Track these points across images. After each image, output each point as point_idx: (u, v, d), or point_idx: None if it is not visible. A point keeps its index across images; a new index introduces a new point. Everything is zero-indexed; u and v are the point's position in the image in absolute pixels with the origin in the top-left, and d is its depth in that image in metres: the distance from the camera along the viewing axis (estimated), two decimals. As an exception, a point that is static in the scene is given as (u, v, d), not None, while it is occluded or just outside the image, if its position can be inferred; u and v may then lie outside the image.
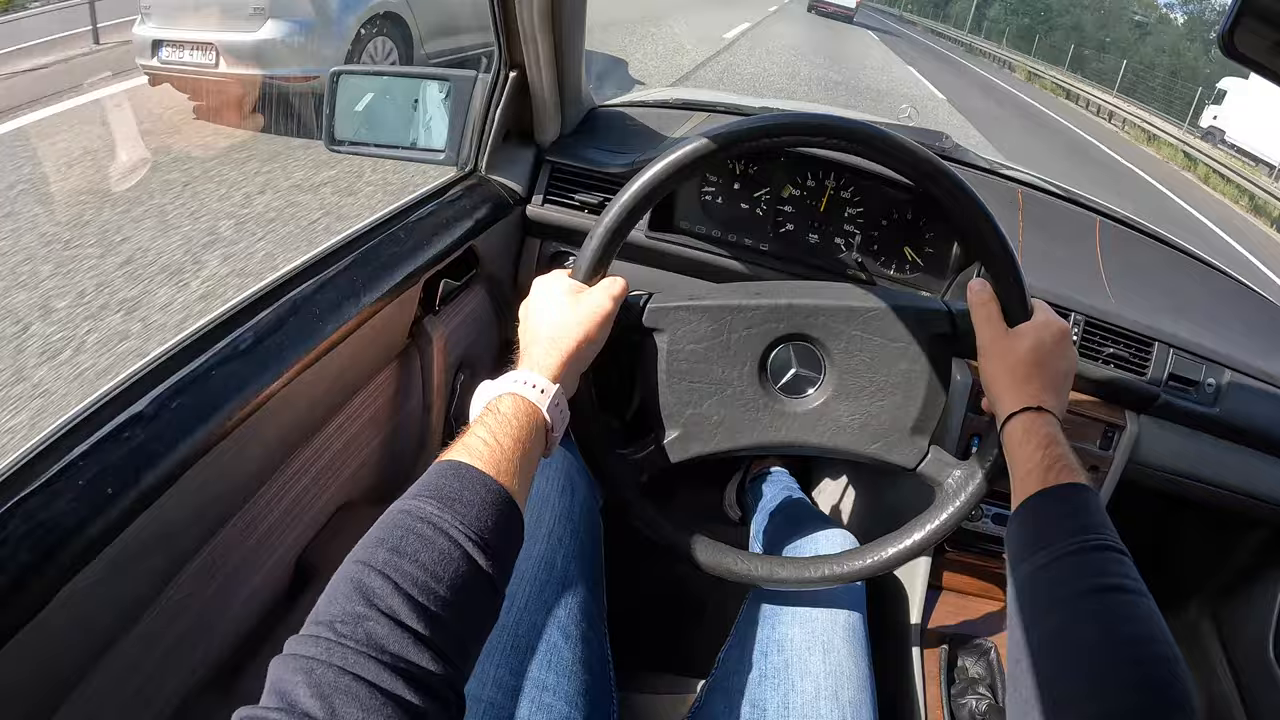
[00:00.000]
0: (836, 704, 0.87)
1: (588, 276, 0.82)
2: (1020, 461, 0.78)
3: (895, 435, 0.92)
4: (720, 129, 0.82)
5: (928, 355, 0.90)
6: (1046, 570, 0.67)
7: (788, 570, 0.94)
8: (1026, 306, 0.85)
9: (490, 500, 0.61)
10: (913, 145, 0.83)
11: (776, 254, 1.25)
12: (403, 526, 0.57)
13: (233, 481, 0.76)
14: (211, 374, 0.72)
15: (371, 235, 0.98)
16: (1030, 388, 0.81)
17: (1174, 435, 1.32)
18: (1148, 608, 0.63)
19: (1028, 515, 0.74)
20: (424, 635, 0.52)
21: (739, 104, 1.49)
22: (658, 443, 0.91)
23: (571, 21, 1.06)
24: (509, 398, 0.70)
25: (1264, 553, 1.70)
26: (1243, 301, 1.54)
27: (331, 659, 0.48)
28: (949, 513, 0.90)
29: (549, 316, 0.79)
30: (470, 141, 1.18)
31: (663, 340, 0.88)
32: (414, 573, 0.54)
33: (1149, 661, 0.58)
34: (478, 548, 0.58)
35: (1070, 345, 0.86)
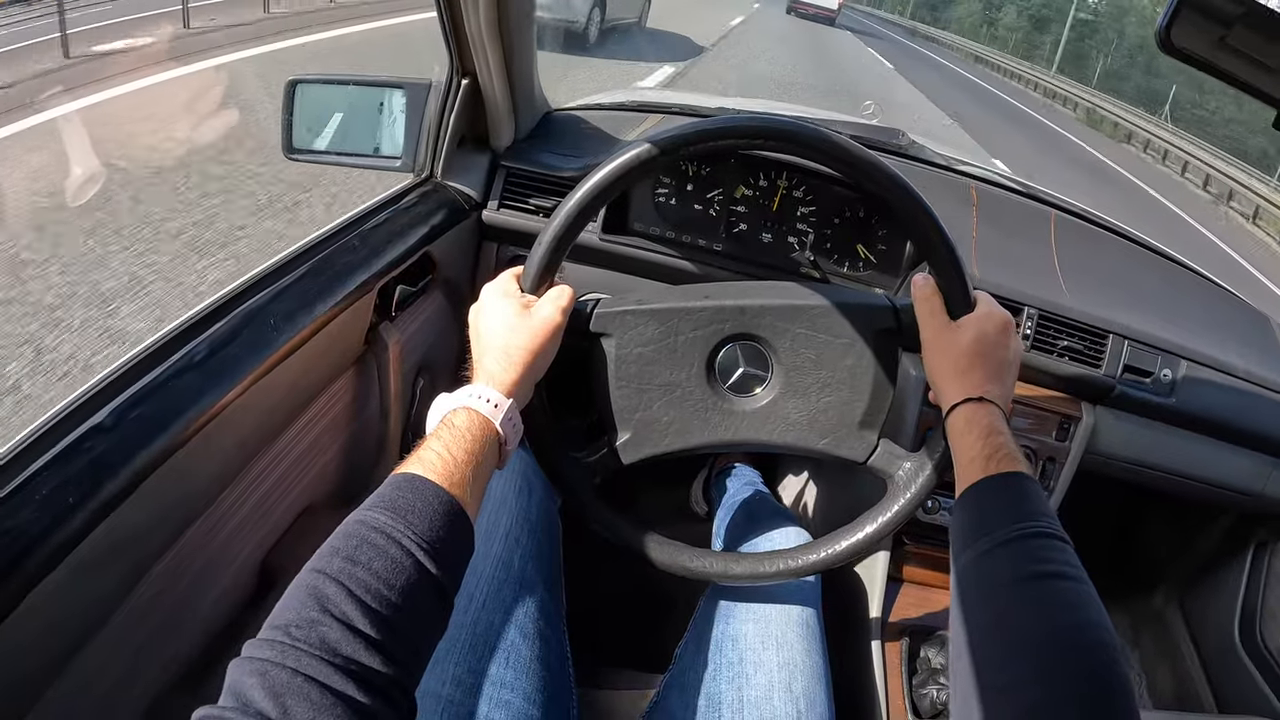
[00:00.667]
0: (790, 696, 0.90)
1: (534, 285, 0.85)
2: (962, 451, 0.80)
3: (843, 430, 0.95)
4: (659, 135, 0.85)
5: (873, 350, 0.93)
6: (986, 558, 0.69)
7: (742, 566, 0.97)
8: (969, 299, 0.88)
9: (442, 511, 0.65)
10: (848, 144, 0.86)
11: (730, 254, 1.28)
12: (357, 536, 0.61)
13: (193, 488, 0.79)
14: (168, 385, 0.76)
15: (326, 244, 1.01)
16: (972, 378, 0.83)
17: (1131, 425, 1.36)
18: (1087, 594, 0.64)
19: (968, 504, 0.76)
20: (375, 639, 0.55)
21: (694, 105, 1.52)
22: (610, 445, 0.94)
23: (519, 29, 1.09)
24: (463, 412, 0.73)
25: (1227, 540, 1.74)
26: (1202, 293, 1.58)
27: (285, 661, 0.51)
28: (900, 505, 0.93)
29: (500, 330, 0.81)
30: (426, 148, 1.21)
31: (610, 345, 0.91)
32: (367, 580, 0.57)
33: (1088, 648, 0.60)
34: (428, 556, 0.61)
35: (1014, 335, 0.88)
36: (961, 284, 0.87)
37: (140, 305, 2.96)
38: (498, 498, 1.02)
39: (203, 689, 0.83)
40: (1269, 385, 1.40)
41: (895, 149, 1.57)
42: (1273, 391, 1.40)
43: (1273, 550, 1.63)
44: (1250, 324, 1.57)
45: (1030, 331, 1.27)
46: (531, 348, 0.80)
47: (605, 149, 1.31)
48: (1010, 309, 1.21)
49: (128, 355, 0.78)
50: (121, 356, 0.78)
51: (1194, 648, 1.80)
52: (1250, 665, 1.60)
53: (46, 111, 4.56)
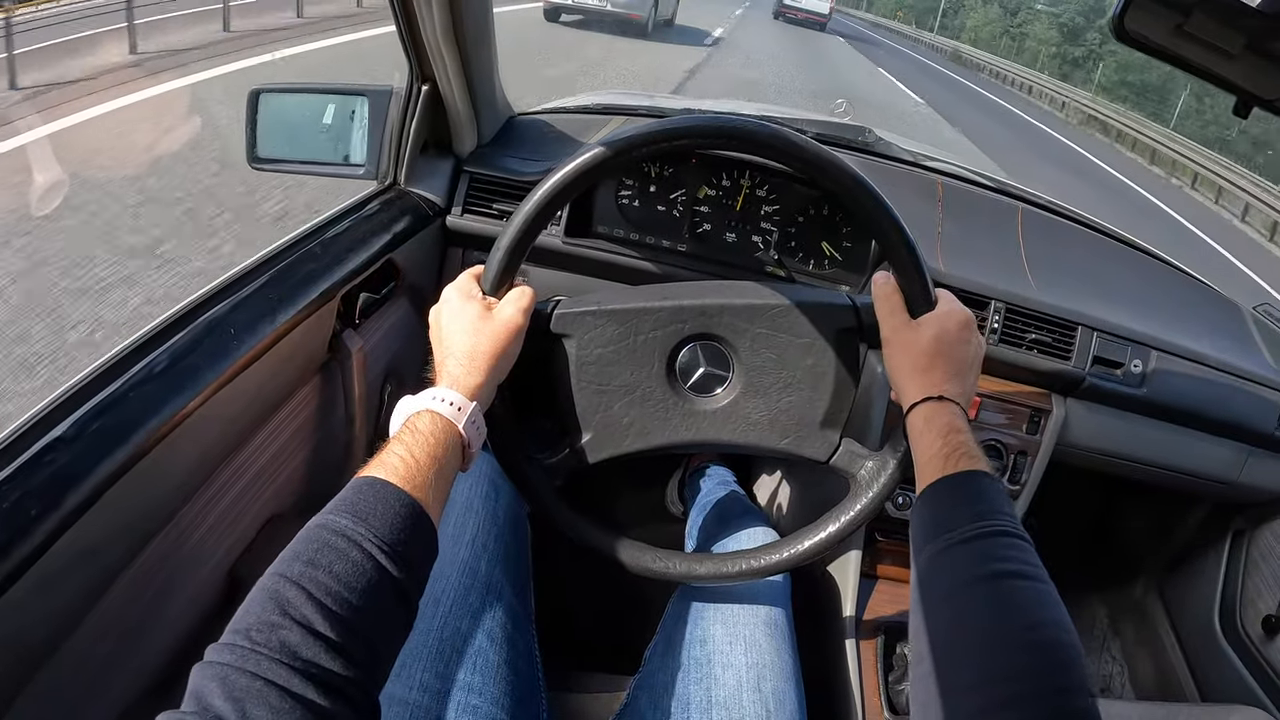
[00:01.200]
0: (759, 695, 0.92)
1: (494, 287, 0.86)
2: (922, 450, 0.81)
3: (805, 429, 0.96)
4: (614, 137, 0.87)
5: (835, 350, 0.94)
6: (944, 556, 0.70)
7: (706, 566, 0.98)
8: (930, 296, 0.89)
9: (403, 514, 0.66)
10: (804, 142, 0.87)
11: (694, 254, 1.30)
12: (318, 540, 0.62)
13: (156, 498, 0.80)
14: (129, 396, 0.77)
15: (288, 253, 1.03)
16: (932, 376, 0.84)
17: (1102, 417, 1.38)
18: (1042, 592, 0.65)
19: (927, 502, 0.77)
20: (336, 642, 0.56)
21: (658, 106, 1.55)
22: (572, 446, 0.95)
23: (476, 35, 1.11)
24: (426, 415, 0.75)
25: (1205, 529, 1.77)
26: (1173, 283, 1.60)
27: (245, 665, 0.53)
28: (862, 504, 0.94)
29: (462, 333, 0.82)
30: (389, 155, 1.22)
31: (571, 346, 0.92)
32: (328, 583, 0.58)
33: (1043, 646, 0.60)
34: (390, 559, 0.62)
35: (974, 333, 0.89)
36: (922, 282, 0.88)
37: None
38: (464, 503, 1.03)
39: (171, 699, 0.84)
40: (1241, 373, 1.42)
41: (860, 146, 1.59)
42: (1245, 380, 1.42)
43: (1250, 538, 1.66)
44: (1221, 313, 1.59)
45: (998, 325, 1.29)
46: (494, 351, 0.81)
47: (568, 152, 1.33)
48: (977, 303, 1.24)
49: (90, 367, 0.79)
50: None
51: (1174, 637, 1.82)
52: (1231, 653, 1.62)
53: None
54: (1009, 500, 0.75)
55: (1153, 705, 1.38)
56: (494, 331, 0.82)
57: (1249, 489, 1.53)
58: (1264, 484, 1.53)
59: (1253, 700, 1.52)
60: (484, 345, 0.81)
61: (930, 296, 0.89)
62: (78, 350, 2.84)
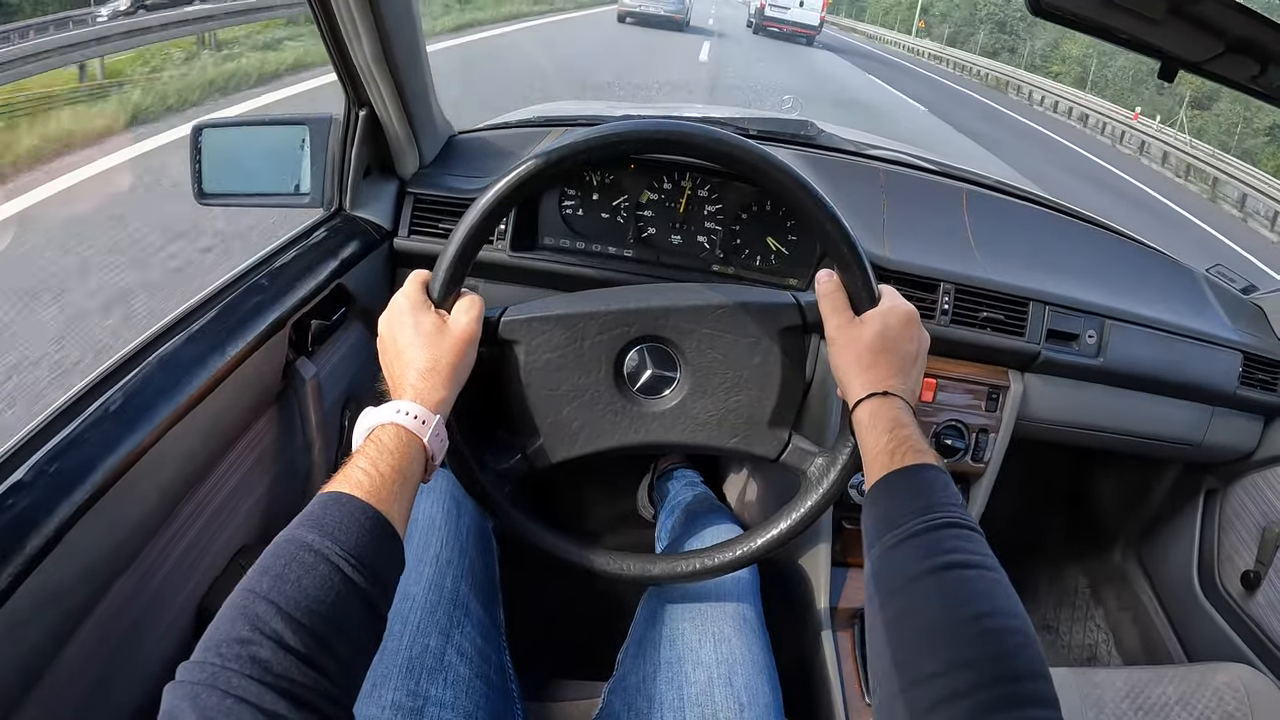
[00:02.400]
0: (730, 690, 0.94)
1: (443, 295, 0.88)
2: (869, 446, 0.82)
3: (754, 428, 0.99)
4: (552, 145, 0.89)
5: (781, 348, 0.98)
6: (894, 551, 0.71)
7: (659, 567, 1.01)
8: (873, 293, 0.90)
9: (369, 527, 0.68)
10: (738, 143, 0.88)
11: (640, 259, 1.34)
12: (286, 555, 0.63)
13: (119, 537, 0.82)
14: (85, 437, 0.80)
15: (236, 285, 1.06)
16: (876, 373, 0.86)
17: (1061, 389, 1.43)
18: (993, 580, 0.67)
19: (876, 498, 0.78)
20: (307, 655, 0.58)
21: (598, 115, 1.57)
22: (523, 451, 0.98)
23: (407, 59, 1.14)
24: (390, 428, 0.77)
25: (1177, 491, 1.82)
26: (1124, 252, 1.65)
27: (216, 683, 0.54)
28: (813, 500, 0.97)
29: (420, 346, 0.84)
30: (332, 182, 1.25)
31: (519, 352, 0.96)
32: (296, 597, 0.60)
33: (994, 634, 0.62)
34: (357, 572, 0.64)
35: (918, 328, 0.90)
36: (864, 278, 0.90)
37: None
38: (426, 522, 1.06)
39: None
40: (1198, 336, 1.47)
41: (804, 140, 1.63)
42: (1202, 341, 1.47)
43: (1223, 496, 1.70)
44: (1175, 278, 1.64)
45: (949, 306, 1.32)
46: (453, 362, 0.84)
47: (509, 167, 1.36)
48: (926, 286, 1.28)
49: (46, 412, 0.82)
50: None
51: (1156, 600, 1.86)
52: (1213, 611, 1.67)
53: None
54: (956, 491, 0.77)
55: (1139, 670, 1.41)
56: (452, 344, 0.84)
57: (1216, 448, 1.58)
58: (1230, 442, 1.58)
59: (1237, 656, 1.56)
60: (445, 357, 0.83)
61: (874, 293, 0.91)
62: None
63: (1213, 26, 0.87)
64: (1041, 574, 2.16)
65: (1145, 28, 1.00)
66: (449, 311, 0.88)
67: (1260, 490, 1.63)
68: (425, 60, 1.21)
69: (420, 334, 0.85)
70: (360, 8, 1.02)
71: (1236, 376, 1.50)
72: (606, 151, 0.89)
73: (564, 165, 0.89)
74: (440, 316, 0.87)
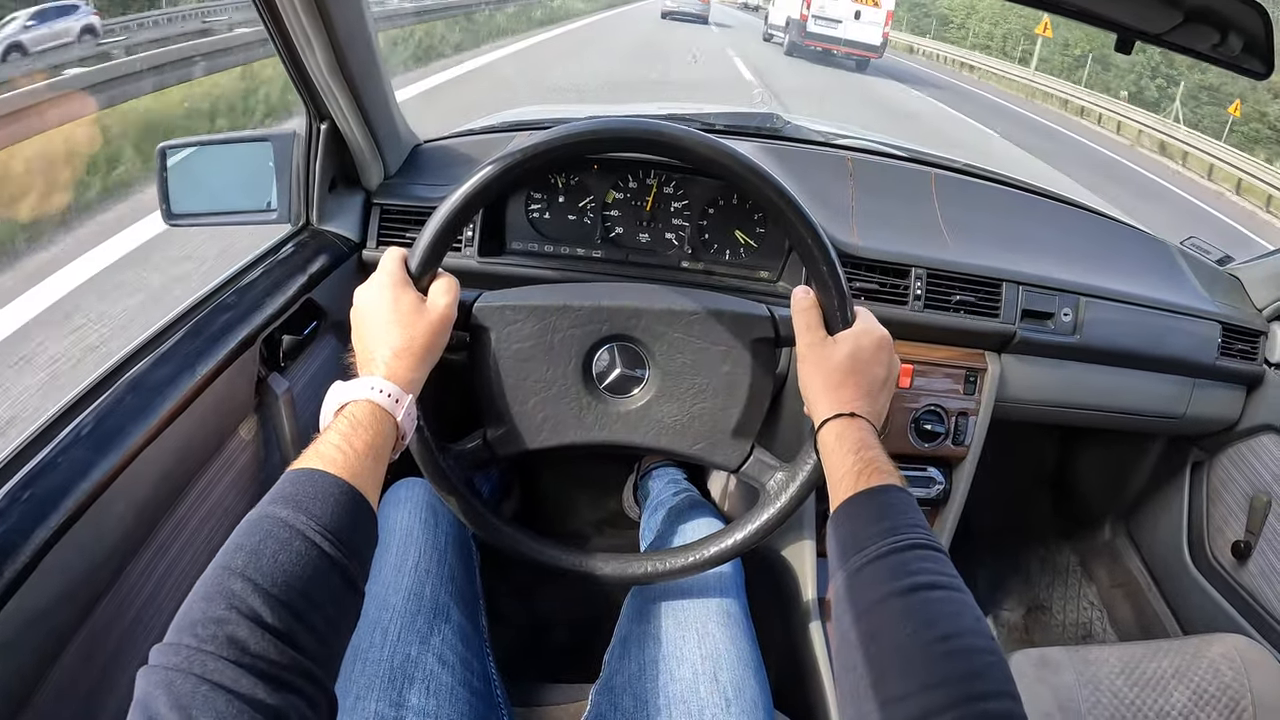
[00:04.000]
0: (716, 685, 0.95)
1: (422, 268, 0.88)
2: (834, 467, 0.83)
3: (717, 437, 1.00)
4: (524, 145, 0.89)
5: (751, 358, 0.98)
6: (860, 574, 0.71)
7: (611, 567, 1.02)
8: (848, 315, 0.91)
9: (343, 502, 0.68)
10: (724, 149, 0.89)
11: (609, 259, 1.35)
12: (260, 531, 0.63)
13: (97, 559, 0.83)
14: (58, 462, 0.80)
15: (204, 304, 1.07)
16: (843, 394, 0.86)
17: (1040, 369, 1.44)
18: (958, 601, 0.67)
19: (841, 520, 0.78)
20: (285, 633, 0.57)
21: (563, 117, 1.58)
22: (485, 438, 0.99)
23: (363, 70, 1.15)
24: (364, 404, 0.77)
25: (1163, 464, 1.84)
26: (1097, 230, 1.67)
27: (191, 668, 0.53)
28: (769, 514, 0.98)
29: (396, 325, 0.84)
30: (298, 196, 1.26)
31: (490, 338, 0.96)
32: (273, 573, 0.60)
33: (960, 654, 0.62)
34: (334, 546, 0.64)
35: (890, 353, 0.91)
36: (840, 299, 0.91)
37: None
38: (404, 530, 1.07)
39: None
40: (1174, 308, 1.48)
41: (770, 132, 1.65)
42: (1179, 314, 1.48)
43: (1209, 467, 1.72)
44: (1149, 252, 1.65)
45: (921, 291, 1.34)
46: (428, 343, 0.84)
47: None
48: (897, 271, 1.29)
49: (18, 440, 0.83)
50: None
51: (1148, 574, 1.88)
52: (1205, 582, 1.68)
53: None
54: (920, 512, 0.77)
55: (1135, 645, 1.42)
56: (429, 323, 0.85)
57: (1200, 420, 1.59)
58: (1214, 413, 1.59)
59: (1231, 626, 1.58)
60: (420, 338, 0.84)
61: (848, 315, 0.91)
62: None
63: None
64: (1032, 554, 2.18)
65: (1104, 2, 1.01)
66: (426, 291, 0.89)
67: (1246, 459, 1.64)
68: (383, 70, 1.22)
69: (398, 311, 0.85)
70: (311, 19, 1.02)
71: (1216, 347, 1.52)
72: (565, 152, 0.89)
73: (566, 151, 0.89)
74: (418, 296, 0.87)
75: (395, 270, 0.88)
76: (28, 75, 5.99)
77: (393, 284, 0.86)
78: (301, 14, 1.01)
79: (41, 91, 5.13)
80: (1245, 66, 1.04)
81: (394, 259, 0.89)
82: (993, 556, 2.06)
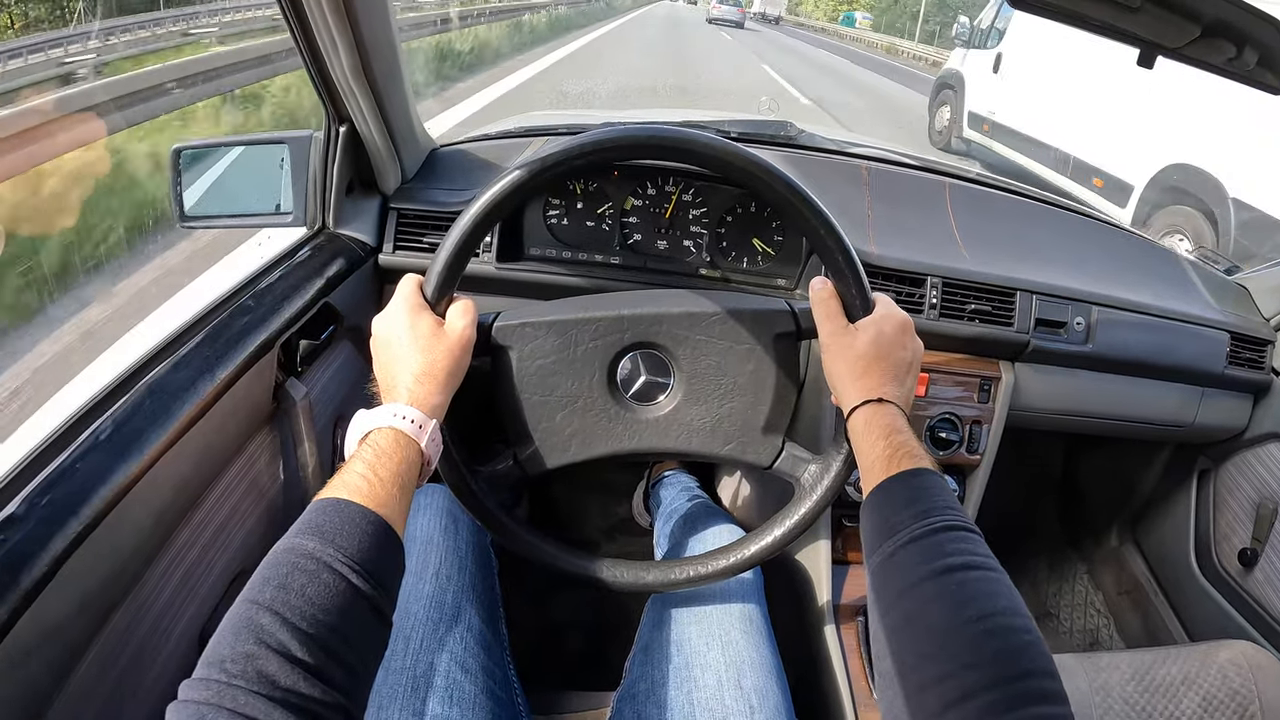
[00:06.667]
0: (740, 692, 0.95)
1: (438, 294, 0.88)
2: (864, 453, 0.83)
3: (748, 435, 1.00)
4: (540, 156, 0.89)
5: (774, 355, 0.98)
6: (894, 558, 0.71)
7: (653, 575, 1.02)
8: (867, 301, 0.91)
9: (370, 532, 0.67)
10: (731, 148, 0.89)
11: (627, 265, 1.35)
12: (288, 564, 0.63)
13: (115, 567, 0.82)
14: (76, 467, 0.79)
15: (222, 308, 1.05)
16: (870, 380, 0.86)
17: (1052, 377, 1.45)
18: (994, 580, 0.67)
19: (875, 505, 0.78)
20: (314, 666, 0.57)
21: (578, 124, 1.58)
22: (516, 458, 0.98)
23: (386, 73, 1.14)
24: (388, 432, 0.77)
25: (1171, 472, 1.84)
26: (1106, 239, 1.67)
27: (223, 702, 0.53)
28: (807, 507, 0.98)
29: (417, 349, 0.84)
30: (315, 200, 1.25)
31: (512, 357, 0.96)
32: (301, 607, 0.59)
33: (998, 633, 0.62)
34: (361, 578, 0.64)
35: (912, 336, 0.91)
36: (859, 286, 0.91)
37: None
38: (424, 538, 1.06)
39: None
40: (1183, 317, 1.49)
41: (785, 140, 1.64)
42: (1188, 323, 1.49)
43: (1216, 476, 1.72)
44: (1157, 261, 1.66)
45: (936, 300, 1.34)
46: (449, 367, 0.84)
47: (492, 179, 1.36)
48: (913, 281, 1.29)
49: (34, 443, 0.81)
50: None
51: (1155, 582, 1.88)
52: (1212, 590, 1.68)
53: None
54: (953, 495, 0.77)
55: (1142, 652, 1.42)
56: (448, 347, 0.85)
57: (1207, 429, 1.60)
58: (1221, 422, 1.60)
59: (1239, 633, 1.58)
60: (441, 361, 0.84)
61: (868, 301, 0.91)
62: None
63: (1188, 11, 0.89)
64: (1040, 561, 2.18)
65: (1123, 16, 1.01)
66: (444, 315, 0.88)
67: (1253, 468, 1.64)
68: (403, 74, 1.21)
69: (417, 336, 0.84)
70: (338, 21, 1.01)
71: (1224, 357, 1.52)
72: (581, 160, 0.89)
73: (589, 159, 0.89)
74: (436, 320, 0.87)
75: (411, 295, 0.88)
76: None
77: (409, 310, 0.86)
78: (329, 16, 1.00)
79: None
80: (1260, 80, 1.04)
81: (410, 284, 0.89)
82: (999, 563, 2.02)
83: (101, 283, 3.88)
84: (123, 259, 4.06)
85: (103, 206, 4.26)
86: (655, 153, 0.91)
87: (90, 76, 6.51)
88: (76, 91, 5.70)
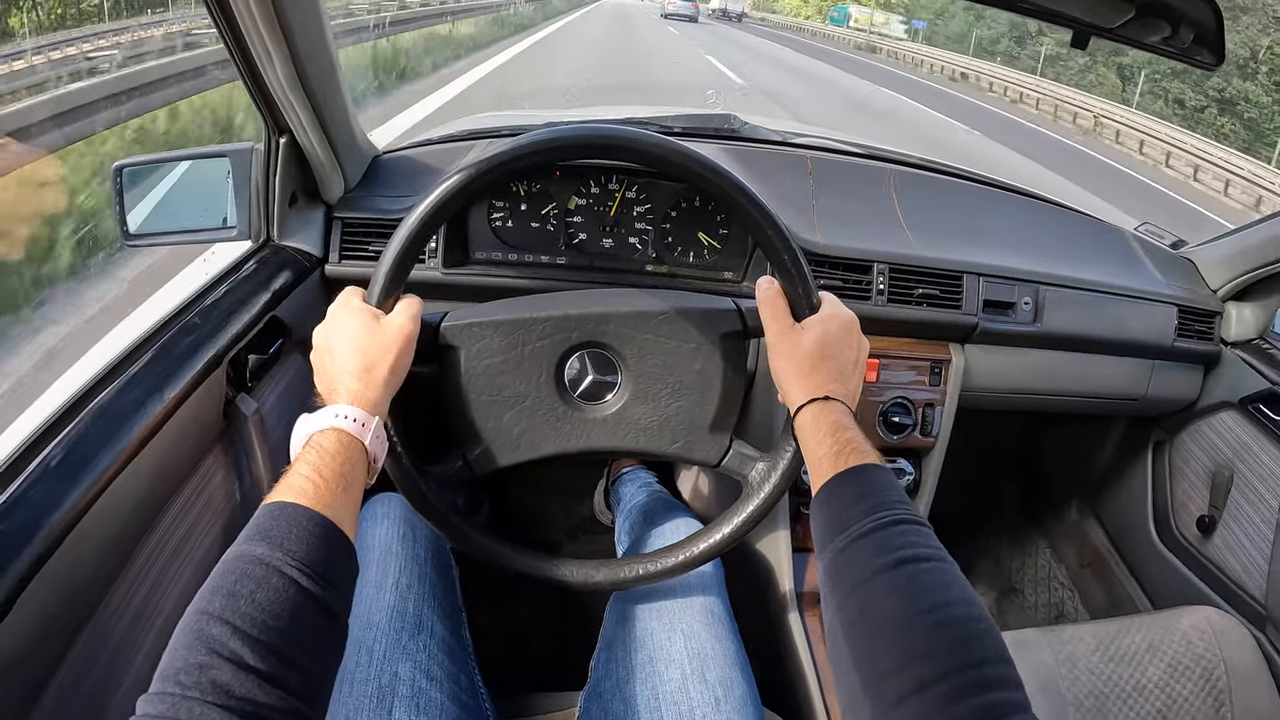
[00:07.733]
0: (705, 685, 0.96)
1: (381, 299, 0.88)
2: (811, 450, 0.84)
3: (695, 434, 1.01)
4: (482, 159, 0.89)
5: (721, 354, 0.99)
6: (846, 553, 0.72)
7: (603, 573, 1.02)
8: (813, 300, 0.92)
9: (318, 534, 0.67)
10: (674, 146, 0.89)
11: (574, 265, 1.35)
12: (236, 571, 0.62)
13: (75, 593, 0.81)
14: (29, 495, 0.78)
15: (168, 326, 1.05)
16: (816, 379, 0.87)
17: (1003, 357, 1.48)
18: (945, 572, 0.68)
19: (824, 501, 0.79)
20: (268, 674, 0.57)
21: (521, 125, 1.58)
22: (465, 458, 0.99)
23: (323, 82, 1.13)
24: (331, 433, 0.77)
25: (1126, 444, 1.88)
26: (1053, 219, 1.71)
27: (178, 715, 0.52)
28: (754, 505, 0.99)
29: (355, 346, 0.84)
30: (258, 212, 1.24)
31: (460, 357, 0.96)
32: (252, 613, 0.59)
33: (951, 624, 0.63)
34: (311, 580, 0.64)
35: (858, 334, 0.93)
36: (804, 285, 0.92)
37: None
38: (383, 547, 1.06)
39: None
40: (1131, 293, 1.52)
41: (728, 133, 1.66)
42: (1136, 298, 1.52)
43: (1171, 446, 1.76)
44: (1104, 239, 1.69)
45: (884, 286, 1.36)
46: (389, 362, 0.84)
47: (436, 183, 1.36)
48: (860, 268, 1.31)
49: None
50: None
51: (1116, 553, 1.92)
52: (1172, 557, 1.72)
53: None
54: (901, 489, 0.78)
55: (1106, 622, 1.45)
56: (386, 342, 0.85)
57: (1160, 400, 1.63)
58: (1173, 393, 1.63)
59: (1200, 599, 1.62)
60: (378, 357, 0.84)
61: (813, 300, 0.92)
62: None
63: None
64: (1002, 539, 2.22)
65: (1058, 0, 1.03)
66: (386, 314, 0.88)
67: (1206, 437, 1.68)
68: (341, 82, 1.20)
69: (354, 336, 0.85)
70: (270, 31, 1.01)
71: (1173, 329, 1.56)
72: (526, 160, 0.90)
73: (532, 159, 0.90)
74: (374, 315, 0.87)
75: (348, 299, 0.89)
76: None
77: (347, 312, 0.87)
78: (261, 27, 1.00)
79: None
80: (1196, 58, 1.06)
81: (348, 292, 0.91)
82: (962, 542, 2.08)
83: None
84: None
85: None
86: (598, 152, 0.91)
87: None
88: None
